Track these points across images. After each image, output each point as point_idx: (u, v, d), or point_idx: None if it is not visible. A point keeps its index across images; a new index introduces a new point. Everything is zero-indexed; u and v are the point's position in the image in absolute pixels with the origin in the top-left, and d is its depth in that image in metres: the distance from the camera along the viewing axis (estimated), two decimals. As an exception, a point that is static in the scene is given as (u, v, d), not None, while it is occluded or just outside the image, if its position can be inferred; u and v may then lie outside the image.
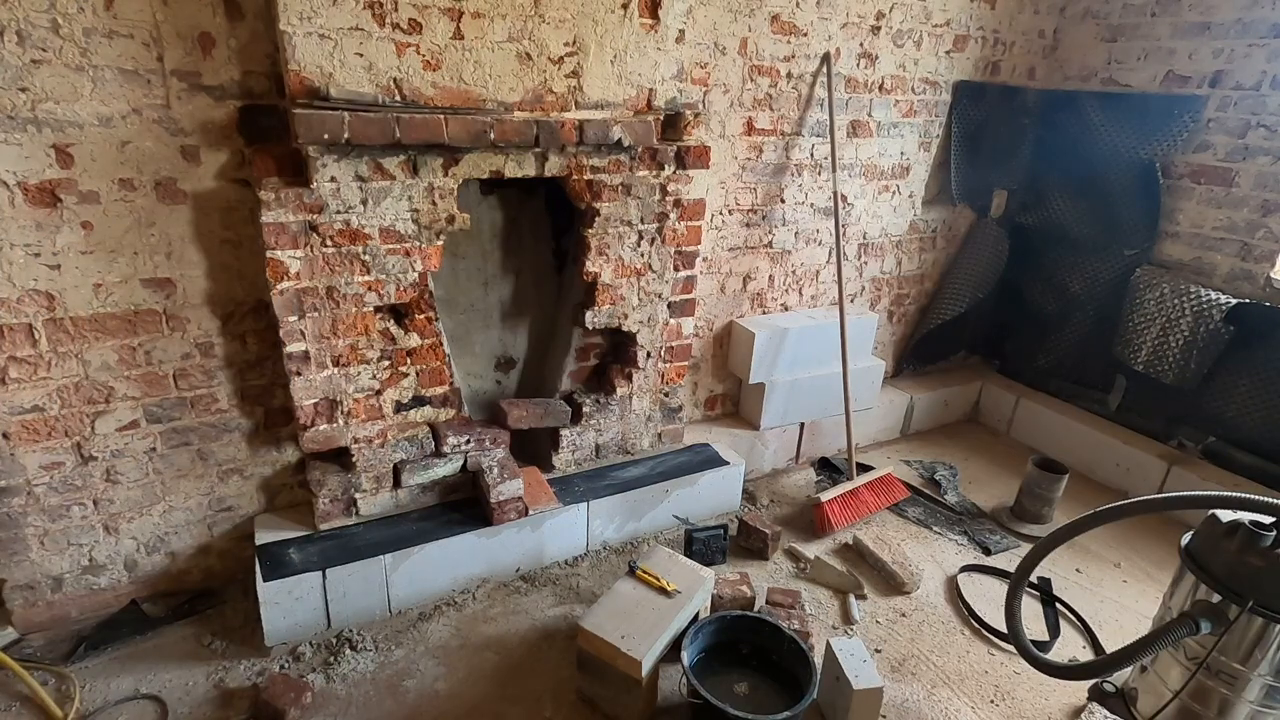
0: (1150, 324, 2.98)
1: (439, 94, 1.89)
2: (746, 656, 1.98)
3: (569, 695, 1.95)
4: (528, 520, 2.31)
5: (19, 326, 1.79)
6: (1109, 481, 3.15)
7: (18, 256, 1.74)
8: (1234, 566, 1.55)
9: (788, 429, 3.07)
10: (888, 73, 2.91)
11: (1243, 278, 2.85)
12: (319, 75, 1.74)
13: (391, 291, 2.03)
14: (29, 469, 1.90)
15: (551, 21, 1.96)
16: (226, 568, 2.26)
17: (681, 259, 2.50)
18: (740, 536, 2.60)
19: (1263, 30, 2.71)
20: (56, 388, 1.88)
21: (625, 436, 2.66)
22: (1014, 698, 2.05)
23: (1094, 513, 1.68)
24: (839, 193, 2.82)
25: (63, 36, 1.64)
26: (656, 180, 2.32)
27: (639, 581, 2.00)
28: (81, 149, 1.73)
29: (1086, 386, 3.35)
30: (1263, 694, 1.59)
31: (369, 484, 2.21)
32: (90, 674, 1.92)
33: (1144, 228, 3.08)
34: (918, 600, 2.41)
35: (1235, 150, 2.82)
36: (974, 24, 3.04)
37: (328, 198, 1.86)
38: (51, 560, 2.01)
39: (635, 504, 2.52)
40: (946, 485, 3.07)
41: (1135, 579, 2.59)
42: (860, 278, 3.29)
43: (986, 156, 3.29)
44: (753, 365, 2.85)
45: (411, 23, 1.80)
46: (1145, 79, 3.06)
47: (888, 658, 2.16)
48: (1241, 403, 2.80)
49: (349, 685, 1.93)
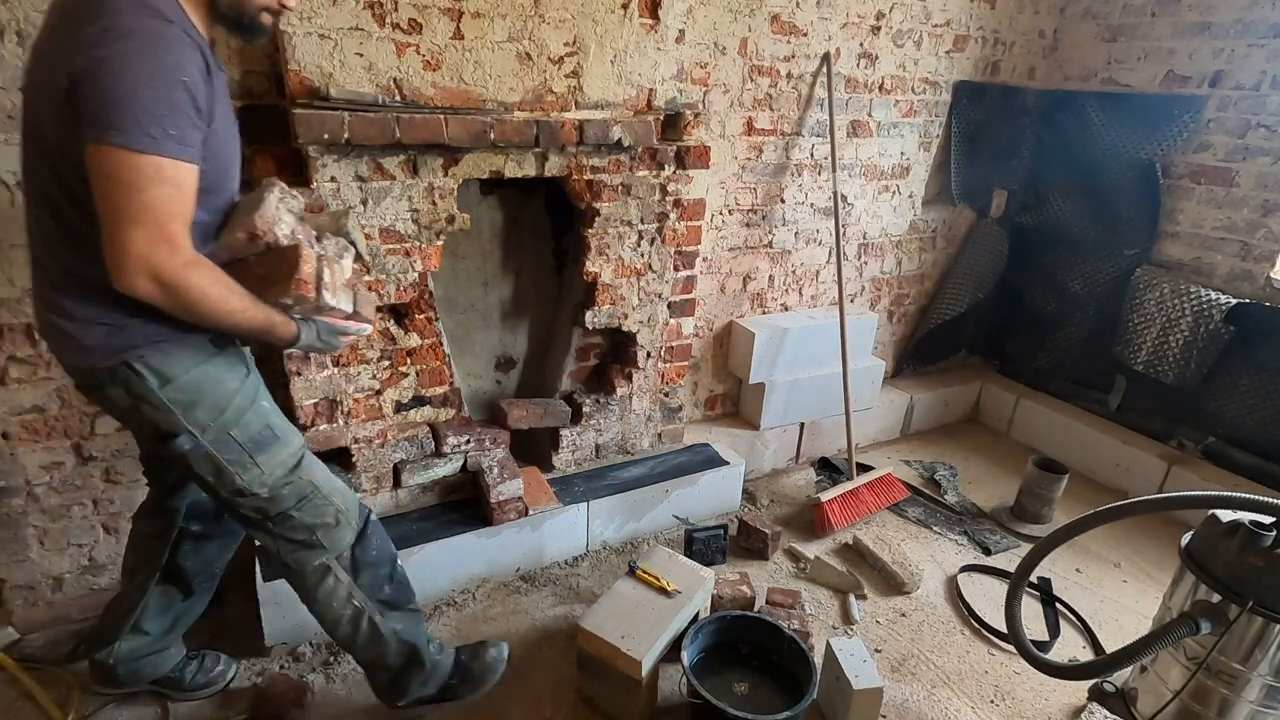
0: (1150, 324, 2.98)
1: (439, 94, 1.89)
2: (746, 656, 1.98)
3: (569, 695, 1.95)
4: (528, 520, 2.31)
5: (19, 326, 1.79)
6: (1109, 481, 3.15)
7: (18, 256, 1.74)
8: (1234, 566, 1.55)
9: (788, 429, 3.08)
10: (888, 73, 2.91)
11: (1243, 278, 2.85)
12: (319, 75, 1.74)
13: (391, 291, 2.04)
14: (29, 469, 1.90)
15: (551, 21, 1.96)
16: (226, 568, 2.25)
17: (681, 259, 2.50)
18: (740, 536, 2.60)
19: (1263, 30, 2.71)
20: (56, 388, 1.88)
21: (625, 436, 2.66)
22: (1014, 698, 2.05)
23: (1094, 513, 1.68)
24: (839, 193, 2.82)
25: (63, 36, 1.64)
26: (656, 180, 2.32)
27: (639, 581, 2.00)
28: (81, 149, 1.73)
29: (1086, 386, 3.35)
30: (1263, 694, 1.59)
31: (369, 484, 2.21)
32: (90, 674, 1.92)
33: (1144, 228, 3.09)
34: (918, 600, 2.41)
35: (1235, 150, 2.82)
36: (974, 24, 3.04)
37: (328, 198, 1.86)
38: (51, 560, 2.01)
39: (635, 504, 2.52)
40: (946, 485, 3.07)
41: (1135, 579, 2.59)
42: (860, 278, 3.29)
43: (986, 156, 3.29)
44: (753, 365, 2.85)
45: (411, 23, 1.80)
46: (1145, 79, 3.06)
47: (888, 658, 2.16)
48: (1241, 403, 2.80)
49: (349, 685, 1.93)
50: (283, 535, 1.51)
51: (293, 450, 1.49)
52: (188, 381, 1.33)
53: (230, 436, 1.38)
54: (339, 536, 1.56)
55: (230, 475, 1.41)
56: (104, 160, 1.10)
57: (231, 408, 1.39)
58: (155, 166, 1.11)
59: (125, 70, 1.08)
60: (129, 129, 1.08)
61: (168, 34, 1.13)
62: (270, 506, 1.47)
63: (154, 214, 1.12)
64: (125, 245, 1.12)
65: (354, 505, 1.61)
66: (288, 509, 1.48)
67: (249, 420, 1.41)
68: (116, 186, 1.11)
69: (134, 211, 1.11)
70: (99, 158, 1.10)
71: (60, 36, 1.13)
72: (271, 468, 1.45)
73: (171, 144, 1.12)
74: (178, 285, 1.17)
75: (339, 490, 1.57)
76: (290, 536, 1.51)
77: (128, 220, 1.12)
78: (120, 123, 1.07)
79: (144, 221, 1.12)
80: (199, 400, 1.35)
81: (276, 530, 1.50)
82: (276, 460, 1.45)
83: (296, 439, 1.51)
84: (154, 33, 1.11)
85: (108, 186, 1.11)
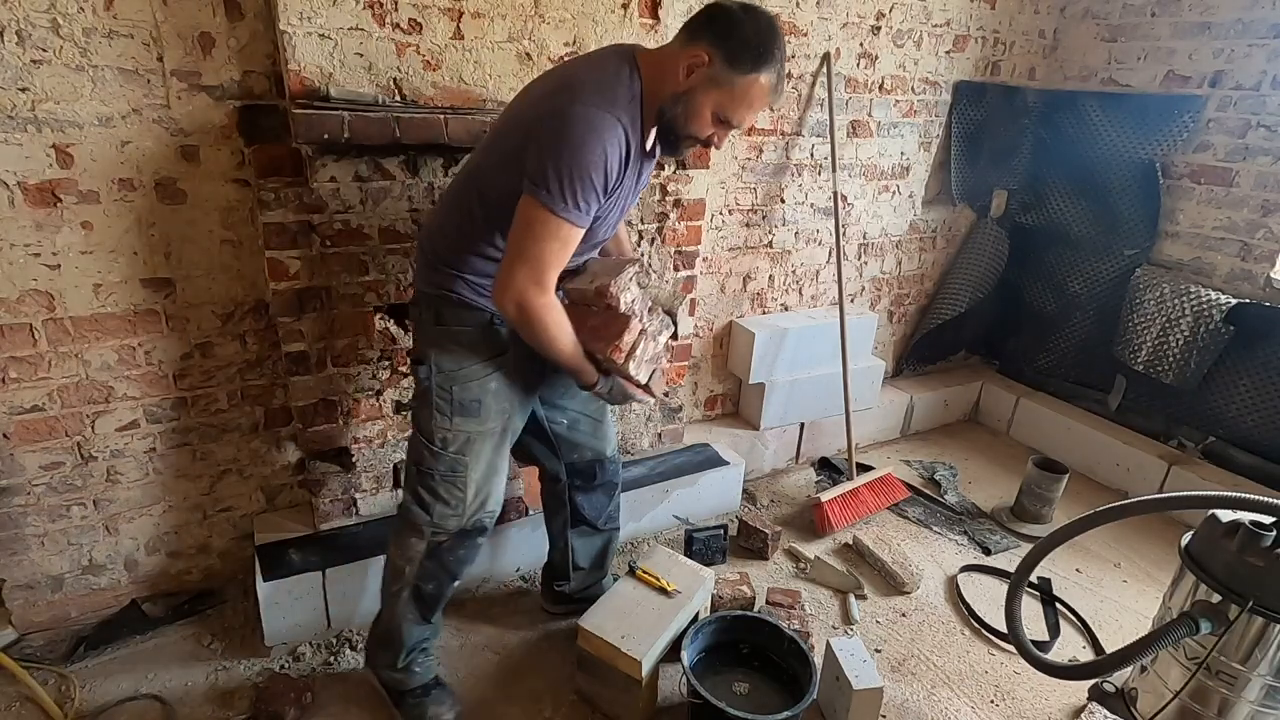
0: (1150, 324, 2.98)
1: (439, 94, 1.89)
2: (747, 656, 1.98)
3: (569, 695, 1.95)
4: (528, 520, 2.31)
5: (19, 326, 1.79)
6: (1109, 481, 3.15)
7: (17, 256, 1.74)
8: (1234, 566, 1.55)
9: (788, 429, 3.08)
10: (888, 73, 2.91)
11: (1243, 278, 2.85)
12: (319, 75, 1.74)
13: (391, 291, 2.03)
14: (29, 469, 1.90)
15: (551, 21, 1.96)
16: (226, 568, 2.26)
17: (681, 259, 2.50)
18: (740, 536, 2.60)
19: (1263, 30, 2.71)
20: (56, 388, 1.88)
21: (625, 436, 2.65)
22: (1014, 698, 2.05)
23: (1094, 513, 1.68)
24: (839, 193, 2.82)
25: (63, 36, 1.64)
26: (656, 180, 2.32)
27: (639, 581, 2.00)
28: (81, 149, 1.73)
29: (1086, 386, 3.35)
30: (1263, 694, 1.59)
31: (369, 484, 2.21)
32: (90, 674, 1.92)
33: (1144, 228, 3.09)
34: (918, 600, 2.41)
35: (1235, 150, 2.82)
36: (974, 24, 3.04)
37: (327, 198, 1.85)
38: (51, 560, 2.01)
39: (635, 504, 2.52)
40: (946, 485, 3.07)
41: (1135, 579, 2.59)
42: (860, 278, 3.29)
43: (986, 156, 3.29)
44: (753, 365, 2.85)
45: (411, 23, 1.80)
46: (1145, 79, 3.06)
47: (888, 658, 2.16)
48: (1241, 403, 2.80)
49: (349, 685, 1.93)
50: (414, 481, 1.68)
51: (483, 430, 1.64)
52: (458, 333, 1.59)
53: (449, 390, 1.60)
54: (447, 519, 1.69)
55: (429, 414, 1.61)
56: (528, 208, 1.37)
57: (465, 370, 1.60)
58: (557, 226, 1.37)
59: (566, 147, 1.33)
60: (553, 193, 1.34)
61: (608, 125, 1.35)
62: (427, 458, 1.64)
63: (541, 261, 1.39)
64: (512, 275, 1.40)
65: (478, 511, 1.72)
66: (433, 468, 1.64)
67: (471, 388, 1.61)
68: (528, 230, 1.38)
69: (529, 254, 1.39)
70: (526, 205, 1.37)
71: (533, 100, 1.45)
72: (457, 432, 1.62)
73: (575, 213, 1.37)
74: (533, 318, 1.44)
75: (481, 490, 1.70)
76: (417, 486, 1.68)
77: (522, 258, 1.39)
78: (549, 185, 1.33)
79: (531, 263, 1.39)
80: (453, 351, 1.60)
81: (416, 472, 1.67)
82: (466, 429, 1.62)
83: (496, 425, 1.66)
84: (598, 122, 1.34)
85: (521, 226, 1.38)
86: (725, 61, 1.35)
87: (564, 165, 1.32)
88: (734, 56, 1.34)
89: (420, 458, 1.66)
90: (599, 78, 1.39)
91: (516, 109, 1.50)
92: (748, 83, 1.36)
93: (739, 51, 1.34)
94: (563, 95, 1.37)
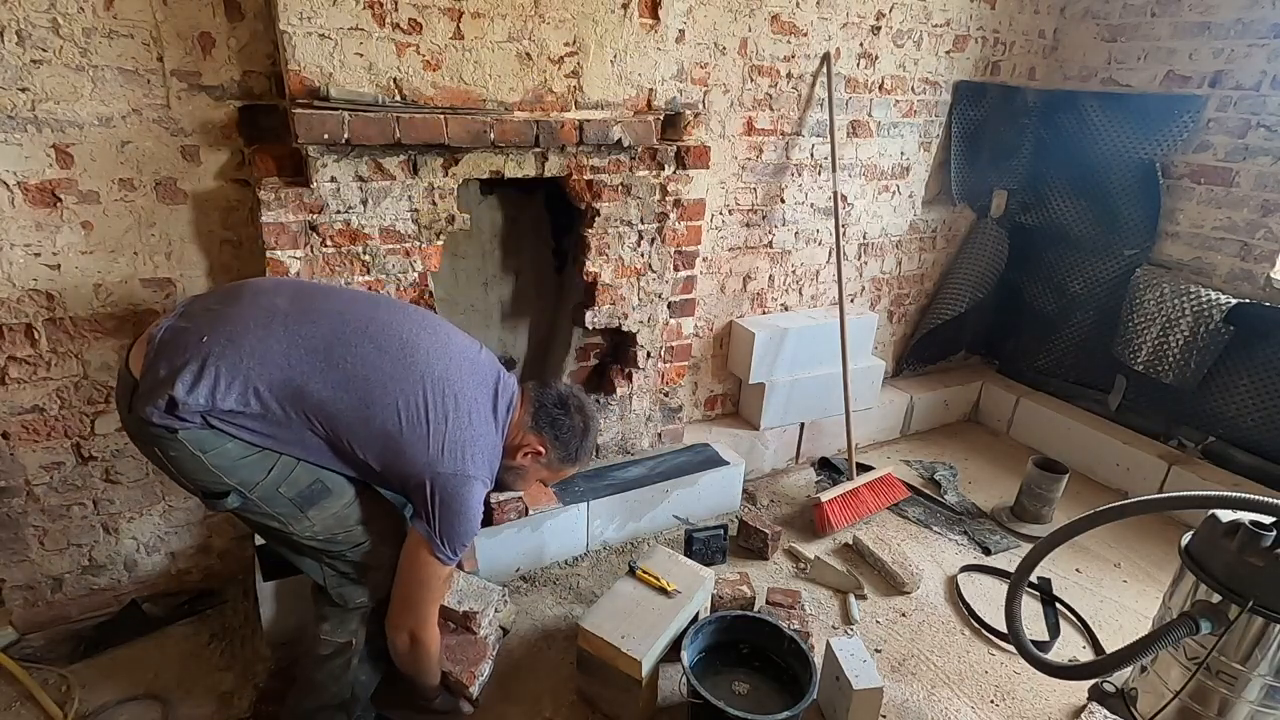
0: (1150, 324, 2.98)
1: (439, 94, 1.89)
2: (747, 656, 1.98)
3: (569, 695, 1.95)
4: (528, 520, 2.31)
5: (19, 326, 1.79)
6: (1109, 481, 3.15)
7: (18, 256, 1.75)
8: (1234, 566, 1.55)
9: (788, 429, 3.07)
10: (888, 73, 2.91)
11: (1243, 278, 2.85)
12: (319, 75, 1.74)
13: (391, 291, 2.03)
14: (29, 469, 1.91)
15: (551, 21, 1.96)
16: (226, 568, 2.26)
17: (681, 259, 2.50)
18: (740, 536, 2.60)
19: (1263, 30, 2.71)
20: (56, 388, 1.88)
21: (625, 436, 2.66)
22: (1014, 698, 2.05)
23: (1094, 513, 1.68)
24: (839, 193, 2.82)
25: (63, 36, 1.64)
26: (656, 180, 2.32)
27: (639, 581, 2.00)
28: (81, 149, 1.73)
29: (1086, 386, 3.35)
30: (1263, 694, 1.59)
31: (369, 484, 2.21)
32: (90, 674, 1.92)
33: (1144, 228, 3.09)
34: (918, 600, 2.41)
35: (1235, 150, 2.82)
36: (974, 24, 3.04)
37: (328, 198, 1.85)
38: (51, 560, 2.01)
39: (635, 504, 2.52)
40: (946, 485, 3.07)
41: (1135, 579, 2.59)
42: (860, 278, 3.29)
43: (986, 156, 3.29)
44: (753, 365, 2.85)
45: (411, 23, 1.80)
46: (1145, 79, 3.06)
47: (888, 658, 2.16)
48: (1241, 403, 2.80)
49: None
50: (332, 567, 1.59)
51: (346, 501, 1.54)
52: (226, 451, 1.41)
53: (279, 493, 1.46)
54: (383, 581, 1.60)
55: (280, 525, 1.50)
56: (419, 550, 1.51)
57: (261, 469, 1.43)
58: (447, 574, 1.56)
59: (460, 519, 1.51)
60: (444, 547, 1.50)
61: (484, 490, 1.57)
62: (327, 546, 1.55)
63: (430, 604, 1.58)
64: (405, 615, 1.57)
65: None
66: (341, 551, 1.57)
67: (298, 476, 1.47)
68: (416, 573, 1.53)
69: (420, 598, 1.56)
70: (418, 544, 1.51)
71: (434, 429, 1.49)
72: (324, 519, 1.52)
73: (456, 558, 1.54)
74: (422, 651, 1.61)
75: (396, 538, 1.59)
76: (338, 569, 1.59)
77: (415, 602, 1.56)
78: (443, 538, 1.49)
79: (424, 603, 1.56)
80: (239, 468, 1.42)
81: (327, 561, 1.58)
82: (329, 513, 1.52)
83: (350, 490, 1.55)
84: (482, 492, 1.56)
85: (410, 566, 1.53)
86: (557, 458, 1.71)
87: (456, 530, 1.51)
88: (563, 455, 1.71)
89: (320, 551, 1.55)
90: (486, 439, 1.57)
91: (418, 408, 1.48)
92: (567, 468, 1.76)
93: (566, 450, 1.71)
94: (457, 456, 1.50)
